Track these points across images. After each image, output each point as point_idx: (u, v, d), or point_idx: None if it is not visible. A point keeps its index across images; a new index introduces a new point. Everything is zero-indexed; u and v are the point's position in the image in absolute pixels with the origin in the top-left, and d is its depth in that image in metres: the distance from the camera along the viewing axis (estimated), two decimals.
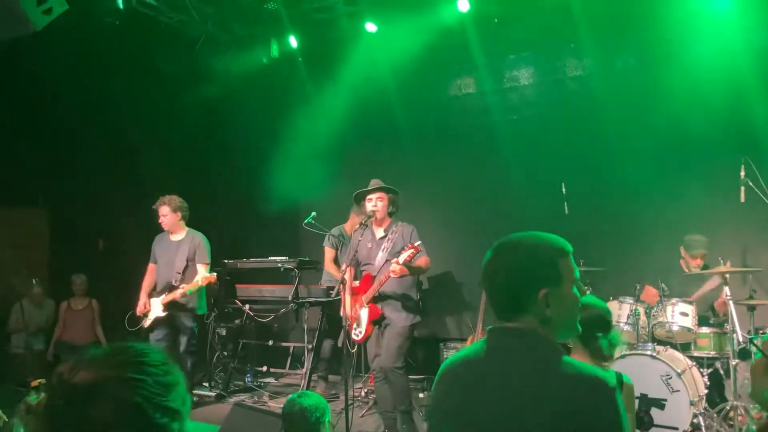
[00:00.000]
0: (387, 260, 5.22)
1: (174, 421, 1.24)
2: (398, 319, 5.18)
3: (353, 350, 5.33)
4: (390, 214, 5.43)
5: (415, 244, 4.95)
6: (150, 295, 6.53)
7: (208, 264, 6.51)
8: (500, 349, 1.73)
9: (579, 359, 1.86)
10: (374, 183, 5.44)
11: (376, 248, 5.35)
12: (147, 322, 6.36)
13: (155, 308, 6.35)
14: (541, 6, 7.10)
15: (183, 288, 6.19)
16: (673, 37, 7.00)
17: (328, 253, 7.37)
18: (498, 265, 1.79)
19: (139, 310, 6.50)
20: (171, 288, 6.31)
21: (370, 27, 7.69)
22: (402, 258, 4.92)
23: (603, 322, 2.98)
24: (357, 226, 5.41)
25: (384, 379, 5.22)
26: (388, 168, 6.97)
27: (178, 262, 6.42)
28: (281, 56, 8.51)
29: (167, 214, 6.55)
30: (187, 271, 6.43)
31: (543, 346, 1.70)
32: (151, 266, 6.72)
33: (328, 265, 7.33)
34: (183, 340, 6.44)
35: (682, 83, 6.73)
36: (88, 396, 1.16)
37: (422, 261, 5.15)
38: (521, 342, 1.71)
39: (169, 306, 6.31)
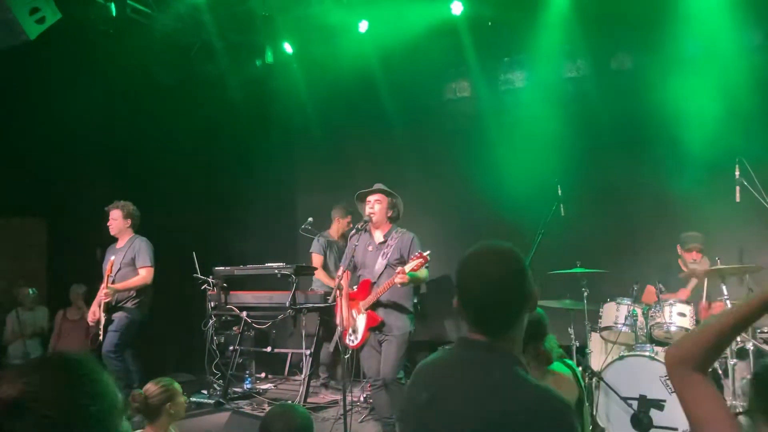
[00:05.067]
0: (387, 266, 5.19)
1: (105, 420, 1.22)
2: (396, 327, 5.14)
3: (346, 356, 5.29)
4: (390, 220, 5.38)
5: (424, 254, 4.89)
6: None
7: (148, 267, 6.39)
8: (470, 361, 1.72)
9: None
10: (376, 187, 5.40)
11: (376, 253, 5.30)
12: (101, 333, 6.26)
13: (102, 317, 6.30)
14: (534, 8, 7.11)
15: (104, 288, 6.11)
16: (667, 38, 7.03)
17: (316, 258, 7.39)
18: (489, 276, 1.74)
19: (89, 319, 6.42)
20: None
21: (363, 29, 7.70)
22: (409, 267, 4.86)
23: (542, 327, 2.98)
24: (352, 230, 5.37)
25: (381, 387, 5.20)
26: (384, 172, 6.96)
27: (114, 267, 6.33)
28: (276, 62, 8.52)
29: (117, 218, 6.51)
30: (118, 274, 6.33)
31: (508, 364, 1.69)
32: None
33: (317, 272, 7.34)
34: (105, 341, 6.22)
35: (676, 84, 6.76)
36: (10, 410, 1.14)
37: (423, 272, 5.10)
38: (489, 357, 1.70)
39: (107, 310, 6.23)
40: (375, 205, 5.28)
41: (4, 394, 1.15)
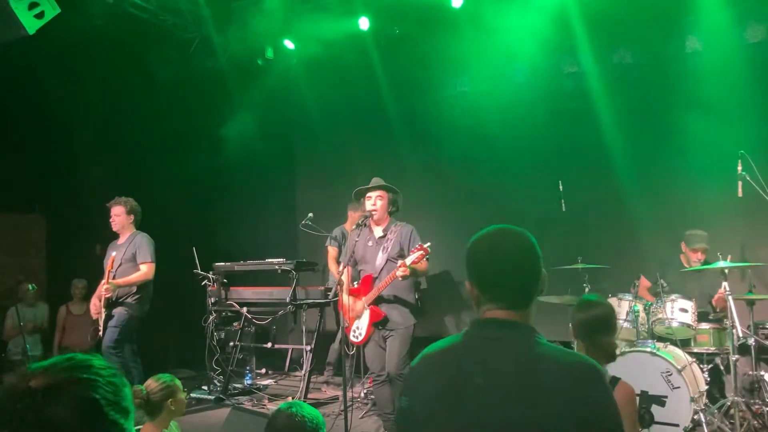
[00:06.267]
0: (387, 260, 5.17)
1: (127, 420, 1.27)
2: (400, 322, 5.12)
3: (351, 352, 5.28)
4: (390, 214, 5.35)
5: (425, 246, 4.86)
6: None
7: (149, 263, 6.36)
8: (497, 339, 1.71)
9: None
10: (375, 181, 5.35)
11: (376, 247, 5.28)
12: (100, 329, 6.23)
13: (102, 312, 6.27)
14: (534, 2, 7.07)
15: (104, 284, 6.10)
16: (668, 33, 7.01)
17: (331, 251, 7.38)
18: (511, 253, 1.77)
19: (92, 310, 6.37)
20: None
21: (363, 24, 7.67)
22: (410, 260, 4.83)
23: (606, 323, 2.96)
24: (353, 227, 5.35)
25: (383, 383, 5.18)
26: (384, 167, 6.94)
27: (114, 263, 6.30)
28: (276, 58, 8.49)
29: (120, 214, 6.47)
30: (119, 270, 6.30)
31: (533, 337, 1.71)
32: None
33: (330, 264, 7.33)
34: (105, 337, 6.18)
35: (677, 78, 6.74)
36: (47, 397, 1.18)
37: (424, 264, 5.06)
38: (514, 332, 1.71)
39: (107, 306, 6.21)
40: (377, 201, 5.25)
41: (37, 383, 1.20)
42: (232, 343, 7.42)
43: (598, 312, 2.98)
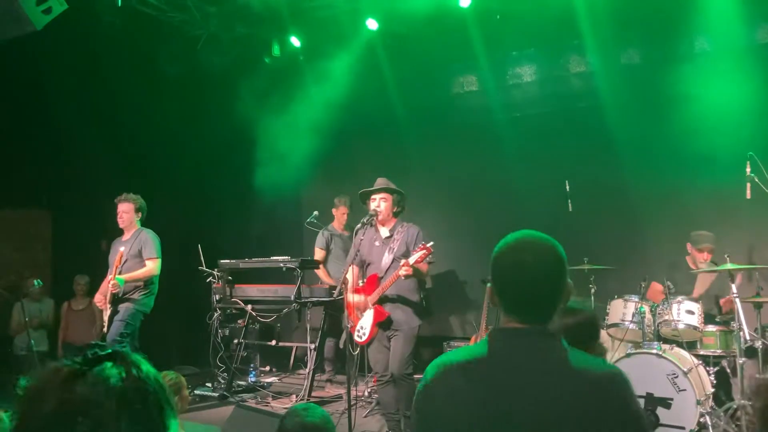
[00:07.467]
0: (393, 260, 5.16)
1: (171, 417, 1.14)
2: (404, 322, 5.11)
3: (355, 352, 5.27)
4: (395, 215, 5.35)
5: (427, 245, 4.85)
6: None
7: (155, 259, 6.35)
8: (521, 348, 1.70)
9: None
10: (380, 182, 5.35)
11: (382, 248, 5.27)
12: (105, 326, 6.21)
13: (107, 308, 6.26)
14: (543, 1, 7.04)
15: (111, 279, 6.09)
16: (677, 34, 6.97)
17: (318, 253, 7.40)
18: (539, 267, 1.74)
19: (97, 300, 6.35)
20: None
21: (371, 24, 7.65)
22: (413, 259, 4.83)
23: (593, 328, 2.95)
24: (357, 225, 5.33)
25: (387, 383, 5.17)
26: (390, 166, 6.93)
27: (118, 260, 6.28)
28: (283, 55, 8.48)
29: (129, 211, 6.46)
30: (125, 266, 6.28)
31: (557, 343, 1.70)
32: None
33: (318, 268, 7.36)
34: (110, 331, 6.14)
35: (686, 79, 6.70)
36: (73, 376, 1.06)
37: (425, 266, 5.07)
38: (538, 341, 1.70)
39: (113, 301, 6.19)
40: (381, 203, 5.24)
41: (131, 383, 1.08)
42: (236, 341, 7.40)
43: (582, 318, 2.96)
